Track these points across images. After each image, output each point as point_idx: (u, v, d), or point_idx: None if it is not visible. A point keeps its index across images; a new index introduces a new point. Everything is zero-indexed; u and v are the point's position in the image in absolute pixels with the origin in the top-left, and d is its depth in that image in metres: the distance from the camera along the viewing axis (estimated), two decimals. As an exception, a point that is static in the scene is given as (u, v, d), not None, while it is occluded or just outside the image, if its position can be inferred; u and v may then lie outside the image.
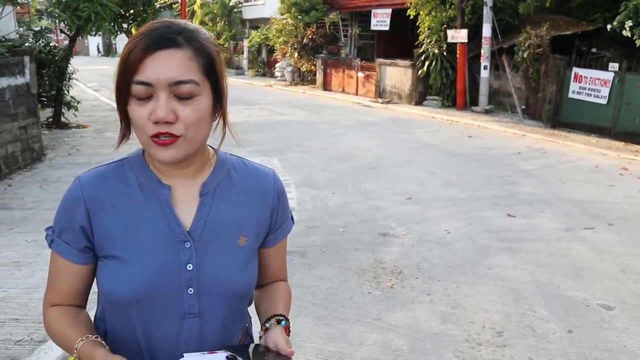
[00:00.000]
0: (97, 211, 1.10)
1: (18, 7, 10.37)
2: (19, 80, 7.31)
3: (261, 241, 1.21)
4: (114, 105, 1.13)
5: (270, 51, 24.06)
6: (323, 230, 5.44)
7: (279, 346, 1.10)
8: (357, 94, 18.00)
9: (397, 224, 5.65)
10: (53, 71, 10.08)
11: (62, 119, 10.85)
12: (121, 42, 40.11)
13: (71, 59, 10.77)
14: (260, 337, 1.17)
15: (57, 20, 10.00)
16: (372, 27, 18.06)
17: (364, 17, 19.55)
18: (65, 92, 10.74)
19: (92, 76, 23.45)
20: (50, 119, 10.71)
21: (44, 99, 10.34)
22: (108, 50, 43.80)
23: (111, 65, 29.76)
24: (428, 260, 4.73)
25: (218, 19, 26.93)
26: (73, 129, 10.51)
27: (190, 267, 1.09)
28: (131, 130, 1.08)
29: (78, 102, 11.23)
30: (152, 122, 1.00)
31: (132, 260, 1.09)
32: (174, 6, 14.49)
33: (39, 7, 9.86)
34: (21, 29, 10.08)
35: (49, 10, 9.28)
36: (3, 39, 7.71)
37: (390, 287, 4.21)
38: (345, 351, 3.33)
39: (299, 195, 6.61)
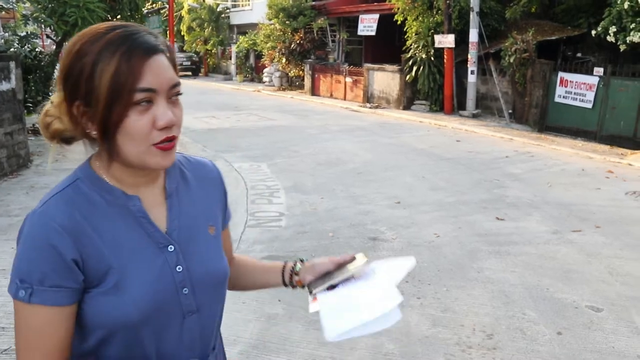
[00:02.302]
0: (82, 240, 1.00)
1: (3, 12, 10.31)
2: (5, 86, 7.24)
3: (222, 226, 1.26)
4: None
5: (258, 56, 24.08)
6: (312, 235, 5.43)
7: (337, 259, 1.30)
8: (345, 99, 18.06)
9: (387, 228, 5.66)
10: (39, 77, 10.00)
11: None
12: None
13: (57, 64, 10.69)
14: (300, 282, 1.31)
15: (43, 26, 9.94)
16: (359, 33, 18.16)
17: (351, 23, 19.63)
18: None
19: (78, 82, 23.23)
20: (36, 125, 10.60)
21: (30, 105, 10.23)
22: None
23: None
24: (418, 264, 4.73)
25: (206, 24, 26.92)
26: (60, 135, 10.42)
27: (179, 268, 1.09)
28: (116, 150, 1.00)
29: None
30: (157, 130, 0.98)
31: (128, 281, 1.03)
32: (162, 12, 14.44)
33: (24, 12, 9.78)
34: (6, 34, 10.00)
35: (34, 15, 9.21)
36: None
37: (381, 291, 4.20)
38: (337, 356, 3.32)
39: (288, 201, 6.60)
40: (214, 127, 12.18)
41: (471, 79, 14.02)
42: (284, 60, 20.67)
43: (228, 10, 27.44)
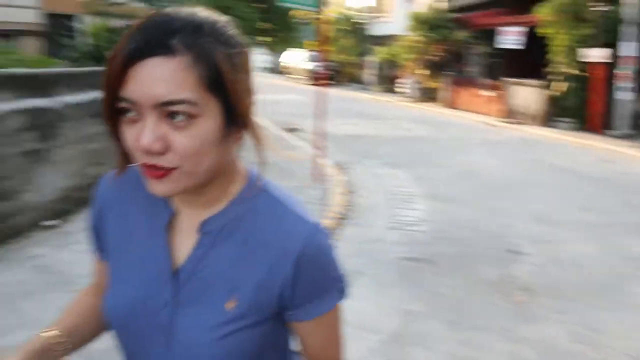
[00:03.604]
0: (106, 216, 1.00)
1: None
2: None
3: (264, 314, 0.90)
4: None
5: (395, 67, 24.30)
6: (451, 242, 5.51)
7: None
8: (483, 113, 17.67)
9: (527, 242, 5.56)
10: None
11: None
12: (256, 55, 42.61)
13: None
14: None
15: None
16: (501, 46, 17.64)
17: (493, 35, 19.16)
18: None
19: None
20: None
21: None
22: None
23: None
24: (560, 281, 4.64)
25: (345, 34, 27.72)
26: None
27: (166, 311, 0.90)
28: (129, 155, 0.85)
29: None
30: (140, 150, 0.79)
31: (120, 280, 0.96)
32: (311, 22, 15.22)
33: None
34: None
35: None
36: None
37: (521, 302, 4.20)
38: (476, 356, 3.40)
39: (426, 208, 6.71)
40: (353, 134, 12.57)
41: (623, 96, 13.11)
42: (421, 72, 20.70)
43: (367, 22, 28.04)
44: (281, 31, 12.77)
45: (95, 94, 5.90)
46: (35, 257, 4.53)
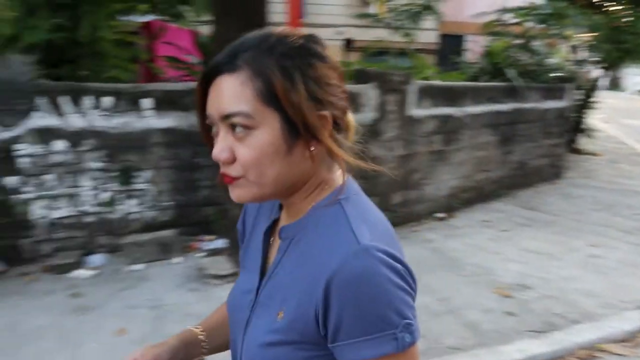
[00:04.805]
0: (247, 222, 1.11)
1: (553, 39, 11.45)
2: (559, 104, 8.23)
3: (307, 337, 0.84)
4: (623, 138, 0.90)
5: None
6: None
7: None
8: None
9: None
10: (580, 100, 10.69)
11: (576, 145, 11.39)
12: (628, 76, 38.43)
13: (595, 90, 11.14)
14: None
15: (594, 52, 10.57)
16: None
17: None
18: (585, 120, 11.22)
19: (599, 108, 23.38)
20: (568, 143, 11.39)
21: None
22: (613, 84, 42.52)
23: (614, 99, 29.00)
24: None
25: None
26: (585, 156, 10.97)
27: (249, 310, 0.96)
28: None
29: (594, 131, 11.59)
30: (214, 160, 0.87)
31: (240, 275, 1.07)
32: None
33: (585, 40, 10.58)
34: (554, 59, 11.06)
35: (594, 44, 9.92)
36: (552, 69, 8.75)
37: None
38: None
39: None
40: None
41: None
42: None
43: None
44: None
45: (491, 107, 6.53)
46: (428, 240, 5.37)
